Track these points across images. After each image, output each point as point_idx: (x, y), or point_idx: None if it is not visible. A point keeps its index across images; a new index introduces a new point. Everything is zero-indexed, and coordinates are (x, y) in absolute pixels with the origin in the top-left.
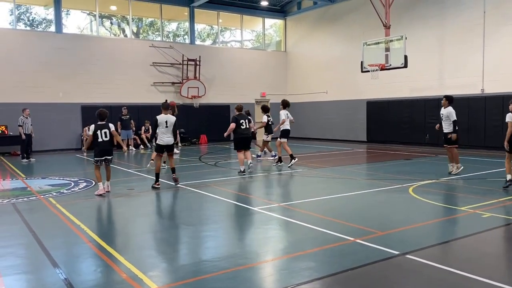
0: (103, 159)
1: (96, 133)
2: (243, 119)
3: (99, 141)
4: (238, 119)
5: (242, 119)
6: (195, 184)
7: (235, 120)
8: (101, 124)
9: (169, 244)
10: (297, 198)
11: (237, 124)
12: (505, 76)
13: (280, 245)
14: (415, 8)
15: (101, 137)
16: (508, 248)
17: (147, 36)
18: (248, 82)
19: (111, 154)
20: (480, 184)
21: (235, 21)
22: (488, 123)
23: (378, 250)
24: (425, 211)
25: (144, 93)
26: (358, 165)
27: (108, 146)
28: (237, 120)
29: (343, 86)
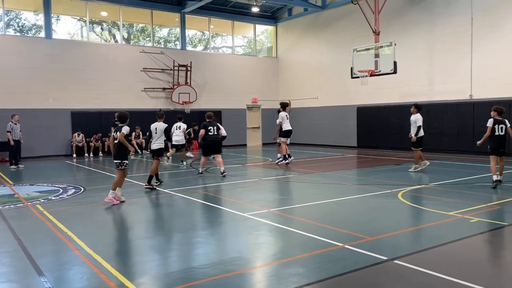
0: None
1: (113, 136)
2: (211, 126)
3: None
4: (207, 125)
5: (210, 126)
6: (184, 190)
7: (204, 126)
8: (118, 127)
9: (157, 251)
10: (287, 203)
11: (206, 130)
12: (493, 82)
13: (269, 251)
14: (404, 15)
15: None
16: (496, 253)
17: (138, 42)
18: (240, 88)
19: (116, 159)
20: (468, 189)
21: (226, 27)
22: (477, 128)
23: (367, 255)
24: (414, 216)
25: (135, 98)
26: (348, 170)
27: (116, 150)
28: (205, 126)
29: (334, 92)
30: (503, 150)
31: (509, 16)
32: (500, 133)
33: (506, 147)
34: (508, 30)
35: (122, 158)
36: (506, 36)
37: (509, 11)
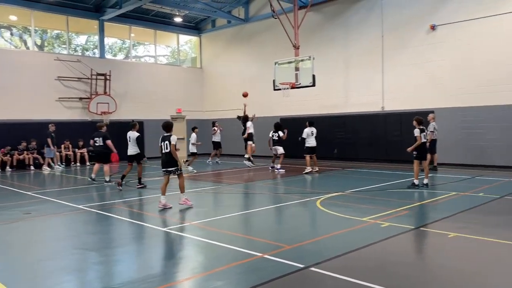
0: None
1: (160, 145)
2: (97, 137)
3: (162, 153)
4: (94, 136)
5: (96, 137)
6: (101, 205)
7: (92, 137)
8: (164, 136)
9: (70, 272)
10: (207, 216)
11: (93, 140)
12: (402, 95)
13: (189, 266)
14: (322, 30)
15: (164, 149)
16: (404, 256)
17: (52, 49)
18: (163, 98)
19: (171, 166)
20: (381, 195)
21: (148, 35)
22: (389, 138)
23: (285, 264)
24: (331, 223)
25: (48, 109)
26: (270, 180)
27: (169, 158)
28: (93, 137)
29: (258, 103)
30: (426, 155)
31: (415, 34)
32: (425, 140)
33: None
34: (414, 47)
35: (174, 165)
36: (413, 52)
37: (415, 29)
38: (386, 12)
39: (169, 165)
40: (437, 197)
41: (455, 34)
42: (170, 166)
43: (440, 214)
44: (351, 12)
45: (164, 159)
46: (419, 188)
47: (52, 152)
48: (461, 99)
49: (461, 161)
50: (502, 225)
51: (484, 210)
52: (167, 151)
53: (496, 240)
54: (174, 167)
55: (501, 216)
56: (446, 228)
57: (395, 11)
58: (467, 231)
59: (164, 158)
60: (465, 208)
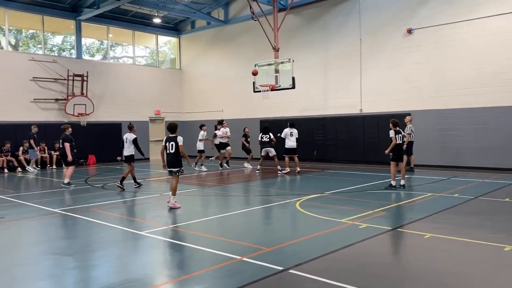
0: (168, 171)
1: (166, 144)
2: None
3: (166, 153)
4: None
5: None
6: (77, 209)
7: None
8: (170, 137)
9: (43, 277)
10: (186, 219)
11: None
12: (380, 98)
13: (166, 270)
14: (301, 33)
15: (169, 149)
16: (382, 257)
17: (27, 49)
18: (142, 100)
19: (175, 167)
20: (359, 196)
21: (126, 36)
22: (367, 140)
23: (264, 267)
24: (309, 225)
25: (23, 110)
26: (250, 182)
27: (173, 158)
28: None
29: (238, 105)
30: (402, 156)
31: (392, 37)
32: (399, 142)
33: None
34: (390, 51)
35: (180, 166)
36: (390, 55)
37: (393, 33)
38: (364, 16)
39: (173, 165)
40: (414, 198)
41: (431, 38)
42: (174, 167)
43: (417, 215)
44: (330, 16)
45: (169, 159)
46: (396, 189)
47: (36, 154)
48: (436, 102)
49: (437, 162)
50: (475, 225)
51: (458, 210)
52: (172, 152)
53: (470, 240)
54: (177, 168)
55: (475, 217)
56: (422, 229)
57: (373, 15)
58: (442, 232)
59: (168, 158)
60: (441, 209)
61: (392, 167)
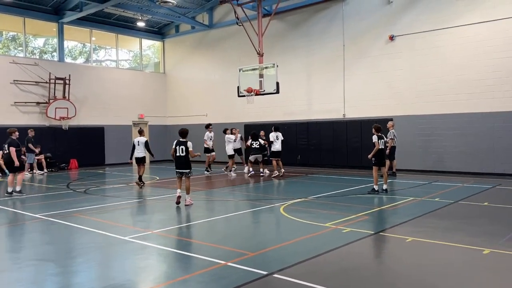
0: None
1: (176, 148)
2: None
3: (176, 156)
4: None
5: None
6: (59, 214)
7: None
8: (180, 141)
9: (25, 284)
10: (171, 224)
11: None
12: (362, 103)
13: (151, 275)
14: (285, 39)
15: (178, 152)
16: (365, 260)
17: (8, 52)
18: (125, 103)
19: (186, 168)
20: (343, 200)
21: (110, 39)
22: (350, 144)
23: (248, 271)
24: (293, 229)
25: (3, 113)
26: (235, 186)
27: (184, 161)
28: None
29: (223, 109)
30: (384, 161)
31: (374, 44)
32: (382, 147)
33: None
34: (373, 57)
35: (190, 167)
36: (372, 61)
37: (375, 39)
38: (347, 22)
39: (183, 167)
40: (396, 202)
41: (413, 45)
42: (184, 168)
43: (399, 219)
44: (313, 22)
45: (180, 161)
46: (379, 193)
47: (32, 157)
48: (418, 107)
49: (419, 167)
50: (455, 229)
51: (439, 214)
52: (183, 155)
53: (450, 244)
54: (188, 170)
55: (455, 220)
56: (404, 233)
57: (355, 21)
58: (423, 235)
59: (180, 160)
60: (422, 213)
61: (374, 172)
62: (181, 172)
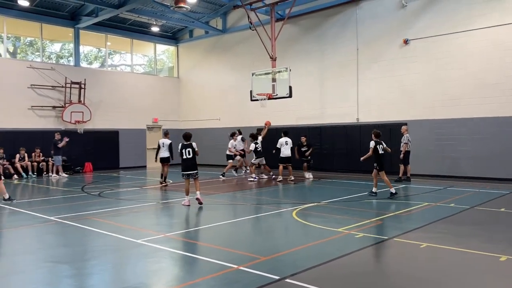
0: (187, 174)
1: (182, 151)
2: None
3: (184, 158)
4: None
5: None
6: (73, 217)
7: None
8: (185, 144)
9: (39, 285)
10: (184, 227)
11: None
12: (376, 107)
13: (163, 278)
14: (298, 43)
15: (185, 155)
16: (378, 266)
17: (25, 56)
18: (139, 108)
19: (193, 170)
20: (356, 205)
21: (125, 44)
22: (363, 149)
23: (260, 276)
24: (306, 234)
25: (20, 117)
26: (248, 190)
27: (191, 163)
28: None
29: (235, 113)
30: (383, 166)
31: (389, 48)
32: (382, 152)
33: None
34: (387, 61)
35: (195, 169)
36: (386, 66)
37: (389, 43)
38: (360, 26)
39: (190, 169)
40: (410, 207)
41: (427, 48)
42: (191, 170)
43: (413, 225)
44: (327, 26)
45: (187, 164)
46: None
47: (60, 160)
48: (433, 112)
49: (433, 172)
50: (471, 235)
51: (454, 220)
52: (190, 157)
53: (466, 250)
54: (196, 171)
55: (471, 226)
56: (418, 239)
57: (369, 25)
58: (438, 241)
59: (186, 163)
60: (437, 219)
61: (374, 176)
62: (189, 174)
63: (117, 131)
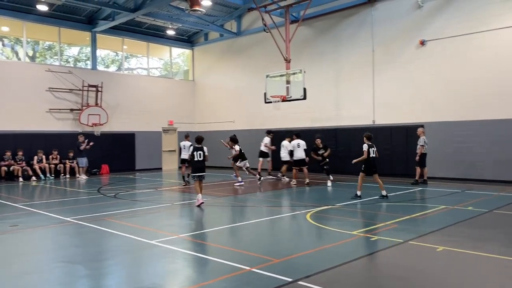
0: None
1: (194, 153)
2: None
3: (195, 160)
4: None
5: None
6: (89, 218)
7: None
8: (197, 147)
9: (54, 285)
10: (198, 228)
11: None
12: (392, 109)
13: (176, 279)
14: (313, 45)
15: (197, 157)
16: (393, 269)
17: (44, 60)
18: (155, 110)
19: (203, 171)
20: (370, 208)
21: (141, 48)
22: (379, 151)
23: (273, 278)
24: (320, 237)
25: (39, 120)
26: (261, 193)
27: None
28: None
29: (249, 115)
30: (375, 169)
31: (405, 49)
32: (373, 155)
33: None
34: (403, 62)
35: (205, 172)
36: (402, 67)
37: (404, 45)
38: (376, 27)
39: (201, 171)
40: (426, 210)
41: (444, 49)
42: (203, 172)
43: (429, 228)
44: (342, 27)
45: (197, 166)
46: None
47: (83, 161)
48: (450, 114)
49: (451, 175)
50: (489, 239)
51: (472, 224)
52: (200, 159)
53: (484, 254)
54: (205, 173)
55: (489, 230)
56: (434, 242)
57: (385, 26)
58: (455, 245)
59: (197, 165)
60: (454, 222)
61: (360, 178)
62: (200, 175)
63: (133, 134)
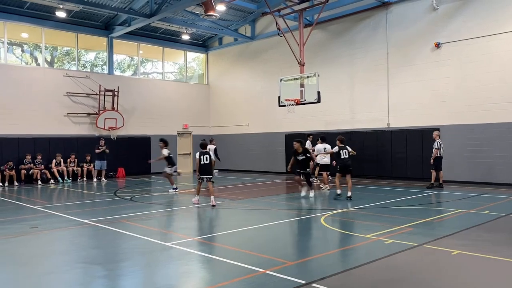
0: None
1: (200, 157)
2: None
3: (202, 163)
4: None
5: None
6: (105, 220)
7: None
8: (202, 152)
9: (72, 285)
10: (212, 231)
11: None
12: (407, 112)
13: (191, 281)
14: (327, 48)
15: (203, 161)
16: (407, 273)
17: (62, 65)
18: (170, 114)
19: (210, 174)
20: (385, 212)
21: (156, 52)
22: (394, 154)
23: (287, 280)
24: (334, 240)
25: (57, 124)
26: (276, 196)
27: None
28: None
29: (263, 119)
30: (350, 169)
31: (420, 51)
32: (345, 156)
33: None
34: (418, 65)
35: (210, 174)
36: (417, 70)
37: (420, 47)
38: (390, 30)
39: (207, 173)
40: (442, 214)
41: (460, 52)
42: (208, 175)
43: (444, 232)
44: (356, 30)
45: (203, 168)
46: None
47: (99, 164)
48: (466, 117)
49: (467, 178)
50: (506, 243)
51: (488, 228)
52: (207, 163)
53: (500, 258)
54: (211, 175)
55: (506, 234)
56: (449, 246)
57: (399, 29)
58: (471, 249)
59: (203, 168)
60: (470, 226)
61: (336, 178)
62: (205, 177)
63: (149, 137)
